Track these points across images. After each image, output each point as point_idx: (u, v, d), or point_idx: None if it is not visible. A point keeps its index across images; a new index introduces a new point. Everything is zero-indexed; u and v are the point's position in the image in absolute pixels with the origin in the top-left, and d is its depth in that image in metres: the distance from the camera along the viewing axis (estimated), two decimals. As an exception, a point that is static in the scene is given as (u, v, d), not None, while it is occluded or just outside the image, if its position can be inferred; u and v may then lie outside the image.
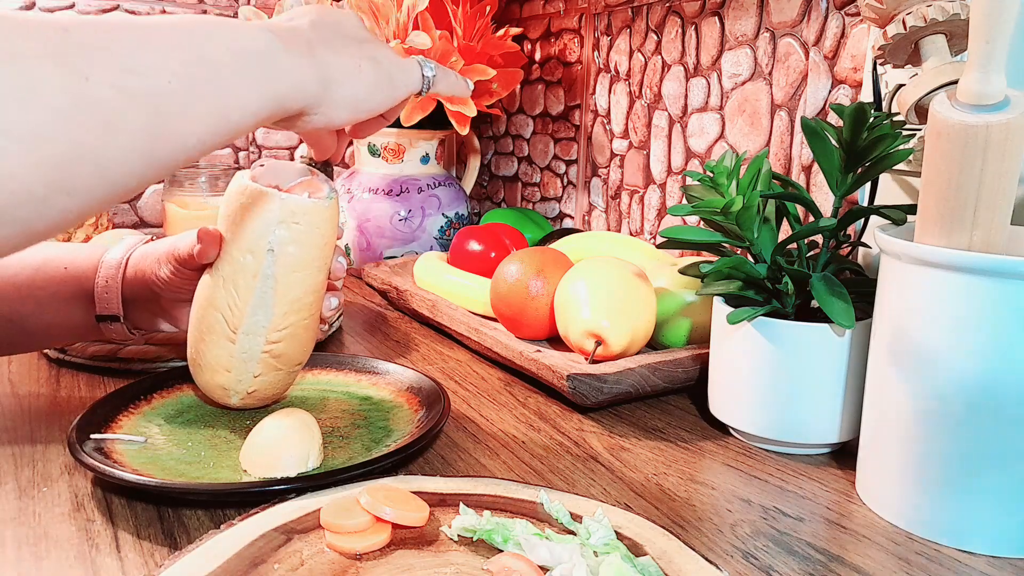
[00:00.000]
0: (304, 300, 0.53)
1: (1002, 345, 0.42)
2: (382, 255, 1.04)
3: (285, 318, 0.53)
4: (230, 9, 1.19)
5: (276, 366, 0.55)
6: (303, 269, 0.52)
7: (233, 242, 0.51)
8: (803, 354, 0.54)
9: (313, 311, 0.55)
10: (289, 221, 0.50)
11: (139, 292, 0.59)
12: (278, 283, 0.52)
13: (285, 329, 0.53)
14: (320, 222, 0.52)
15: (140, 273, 0.58)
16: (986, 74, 0.43)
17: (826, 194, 0.75)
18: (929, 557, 0.44)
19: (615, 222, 1.05)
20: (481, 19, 1.00)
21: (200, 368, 0.55)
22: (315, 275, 0.53)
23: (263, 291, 0.51)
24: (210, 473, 0.50)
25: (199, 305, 0.54)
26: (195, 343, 0.54)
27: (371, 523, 0.42)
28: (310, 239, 0.52)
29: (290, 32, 0.42)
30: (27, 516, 0.46)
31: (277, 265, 0.51)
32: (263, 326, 0.52)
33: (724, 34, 0.85)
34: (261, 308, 0.52)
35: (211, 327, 0.53)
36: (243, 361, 0.53)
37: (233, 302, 0.52)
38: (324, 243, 0.53)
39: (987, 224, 0.44)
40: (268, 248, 0.51)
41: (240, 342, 0.53)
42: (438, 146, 1.08)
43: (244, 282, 0.51)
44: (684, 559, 0.40)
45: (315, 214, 0.51)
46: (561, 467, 0.54)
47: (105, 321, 0.59)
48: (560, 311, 0.68)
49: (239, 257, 0.51)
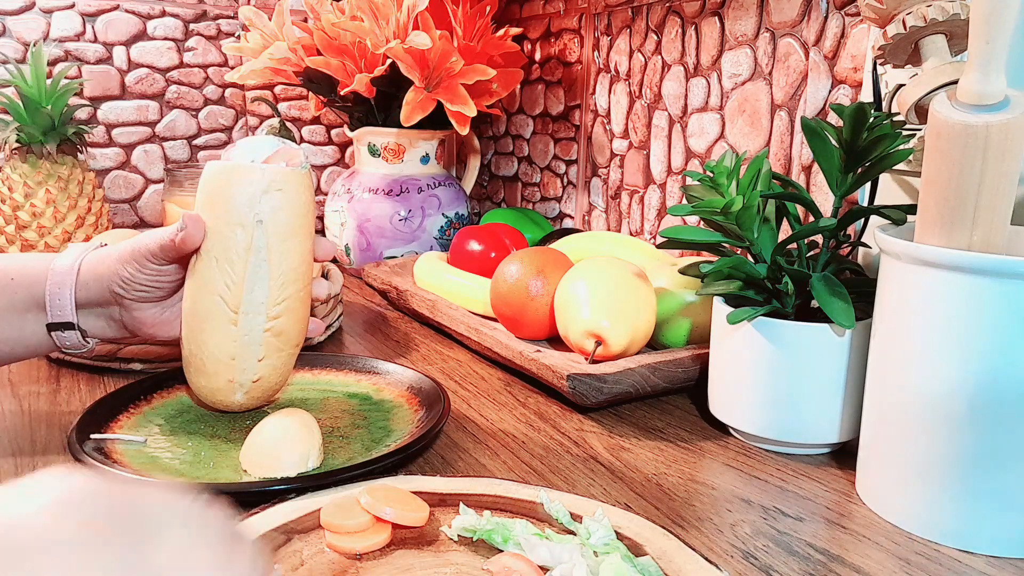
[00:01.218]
0: (299, 270, 0.54)
1: (1002, 345, 0.42)
2: (382, 255, 1.04)
3: (283, 290, 0.53)
4: (230, 9, 1.19)
5: (278, 346, 0.55)
6: (293, 236, 0.53)
7: (220, 221, 0.52)
8: (803, 354, 0.54)
9: (306, 282, 0.55)
10: (272, 189, 0.52)
11: (95, 298, 0.56)
12: (271, 253, 0.52)
13: (283, 303, 0.54)
14: (302, 188, 0.53)
15: (96, 277, 0.55)
16: (986, 74, 0.43)
17: (826, 194, 0.75)
18: (929, 557, 0.44)
19: (615, 222, 1.05)
20: (481, 19, 1.00)
21: (202, 365, 0.54)
22: (304, 242, 0.54)
23: (257, 264, 0.52)
24: (210, 473, 0.50)
25: (193, 295, 0.53)
26: (193, 337, 0.54)
27: (371, 523, 0.42)
28: (295, 205, 0.53)
29: None
30: (27, 516, 0.46)
31: (268, 235, 0.52)
32: (261, 302, 0.53)
33: (724, 34, 0.85)
34: (258, 283, 0.52)
35: (209, 313, 0.53)
36: (246, 345, 0.53)
37: (230, 280, 0.52)
38: (307, 209, 0.54)
39: (987, 224, 0.44)
40: (257, 219, 0.51)
41: (242, 323, 0.53)
42: (438, 146, 1.08)
43: (238, 256, 0.52)
44: (684, 559, 0.40)
45: (296, 180, 0.52)
46: (561, 467, 0.54)
47: (58, 330, 0.56)
48: (560, 311, 0.68)
49: (229, 233, 0.51)
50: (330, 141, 1.31)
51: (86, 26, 1.11)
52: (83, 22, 1.10)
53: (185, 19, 1.17)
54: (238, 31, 1.20)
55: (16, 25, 1.07)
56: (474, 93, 0.99)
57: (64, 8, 1.09)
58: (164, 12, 1.15)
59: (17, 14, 1.07)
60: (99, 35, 1.12)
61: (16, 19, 1.07)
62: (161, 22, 1.15)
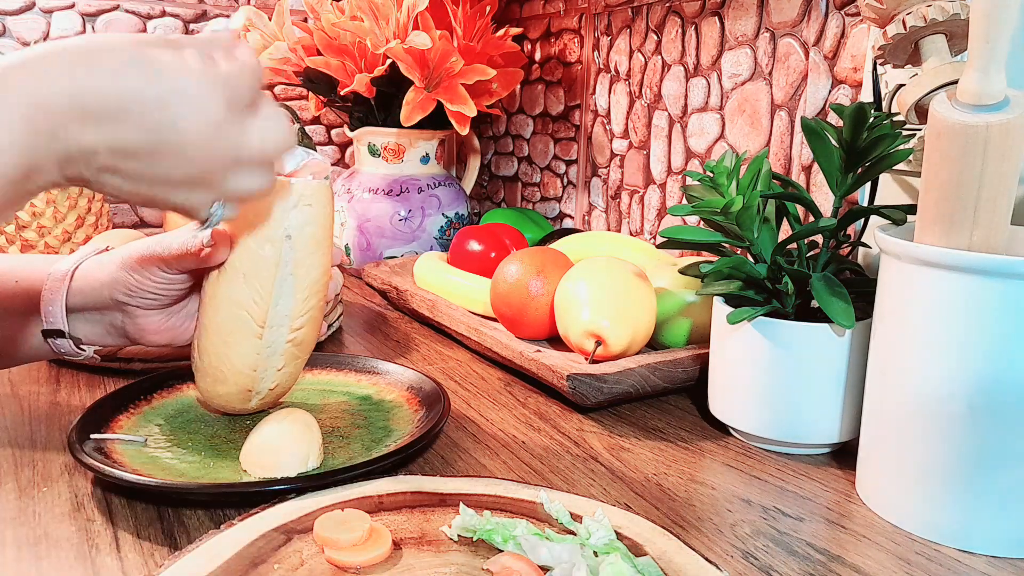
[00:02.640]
0: (321, 281, 0.53)
1: (1002, 345, 0.42)
2: (382, 255, 1.04)
3: (306, 303, 0.53)
4: (230, 9, 1.19)
5: (296, 355, 0.55)
6: (318, 250, 0.52)
7: (246, 236, 0.51)
8: (803, 354, 0.54)
9: (325, 291, 0.55)
10: (302, 204, 0.50)
11: (91, 304, 0.54)
12: (298, 268, 0.51)
13: (306, 315, 0.53)
14: (328, 201, 0.52)
15: (94, 284, 0.54)
16: (986, 74, 0.43)
17: (826, 194, 0.75)
18: (929, 557, 0.44)
19: (615, 222, 1.05)
20: (481, 19, 1.00)
21: (222, 376, 0.53)
22: (327, 254, 0.53)
23: (283, 279, 0.51)
24: (210, 473, 0.50)
25: (215, 308, 0.52)
26: (214, 350, 0.53)
27: (368, 535, 0.42)
28: (322, 219, 0.52)
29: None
30: (27, 516, 0.46)
31: (296, 250, 0.51)
32: (285, 315, 0.52)
33: (724, 34, 0.85)
34: (283, 297, 0.52)
35: (235, 328, 0.52)
36: (268, 357, 0.53)
37: (258, 297, 0.51)
38: (331, 222, 0.53)
39: (987, 224, 0.44)
40: (286, 235, 0.50)
41: (266, 336, 0.52)
42: (438, 146, 1.08)
43: (267, 274, 0.51)
44: (684, 559, 0.40)
45: (324, 193, 0.51)
46: (561, 467, 0.54)
47: (51, 336, 0.54)
48: (560, 311, 0.68)
49: (257, 249, 0.50)
50: (330, 141, 1.31)
51: (86, 26, 1.11)
52: (83, 22, 1.10)
53: (185, 19, 1.17)
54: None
55: (16, 25, 1.07)
56: (474, 93, 0.99)
57: (64, 8, 1.09)
58: (164, 12, 1.15)
59: (17, 14, 1.07)
60: (99, 35, 1.12)
61: (16, 19, 1.07)
62: (161, 22, 1.15)
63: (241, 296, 0.51)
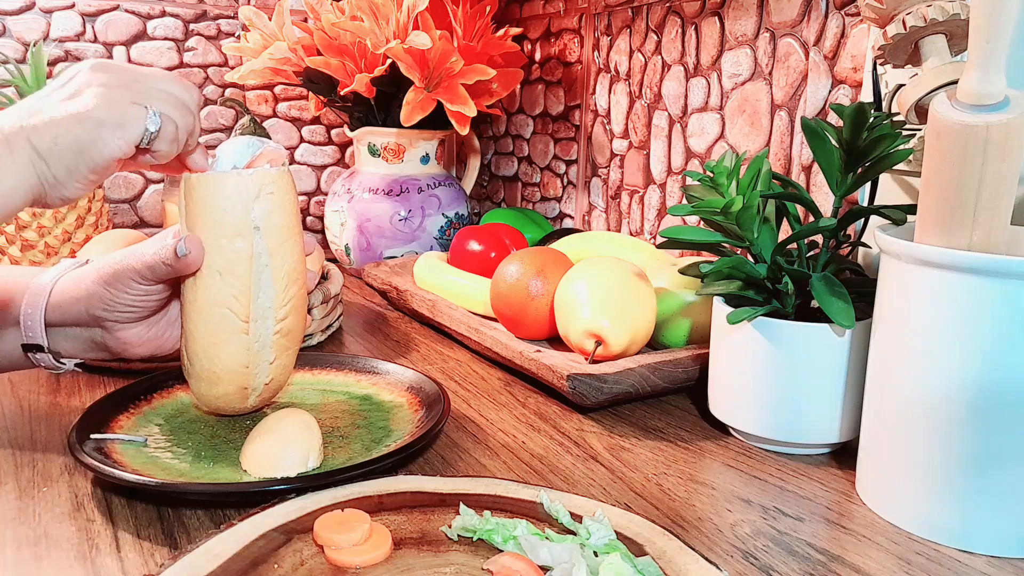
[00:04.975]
0: (297, 269, 0.54)
1: (1002, 345, 0.42)
2: (382, 255, 1.04)
3: (287, 291, 0.53)
4: (230, 9, 1.19)
5: (286, 345, 0.55)
6: (288, 237, 0.53)
7: (216, 233, 0.51)
8: (803, 354, 0.54)
9: (304, 279, 0.56)
10: (264, 193, 0.51)
11: (71, 320, 0.54)
12: (272, 257, 0.52)
13: (288, 304, 0.54)
14: (289, 187, 0.53)
15: (71, 299, 0.54)
16: (986, 74, 0.43)
17: (826, 194, 0.75)
18: (929, 557, 0.44)
19: (615, 222, 1.05)
20: (481, 19, 1.00)
21: (216, 378, 0.53)
22: (298, 240, 0.54)
23: (259, 271, 0.52)
24: (210, 473, 0.50)
25: (197, 310, 0.52)
26: (203, 352, 0.52)
27: (369, 535, 0.42)
28: (286, 205, 0.52)
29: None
30: (27, 516, 0.46)
31: (267, 240, 0.51)
32: (268, 307, 0.52)
33: (724, 34, 0.85)
34: (263, 289, 0.52)
35: (220, 327, 0.52)
36: (258, 351, 0.53)
37: (238, 292, 0.51)
38: (296, 207, 0.54)
39: (987, 224, 0.44)
40: (254, 226, 0.51)
41: (252, 331, 0.52)
42: (438, 146, 1.08)
43: (242, 268, 0.51)
44: (684, 559, 0.40)
45: (283, 179, 0.52)
46: (561, 467, 0.54)
47: (31, 351, 0.55)
48: (560, 311, 0.68)
49: (228, 245, 0.51)
50: (330, 141, 1.31)
51: (86, 26, 1.11)
52: (83, 22, 1.10)
53: (185, 19, 1.17)
54: (238, 31, 1.20)
55: (16, 25, 1.07)
56: (474, 93, 0.99)
57: (64, 8, 1.09)
58: (164, 12, 1.15)
59: (17, 14, 1.07)
60: (99, 35, 1.12)
61: (16, 19, 1.07)
62: (161, 22, 1.15)
63: (221, 294, 0.51)
